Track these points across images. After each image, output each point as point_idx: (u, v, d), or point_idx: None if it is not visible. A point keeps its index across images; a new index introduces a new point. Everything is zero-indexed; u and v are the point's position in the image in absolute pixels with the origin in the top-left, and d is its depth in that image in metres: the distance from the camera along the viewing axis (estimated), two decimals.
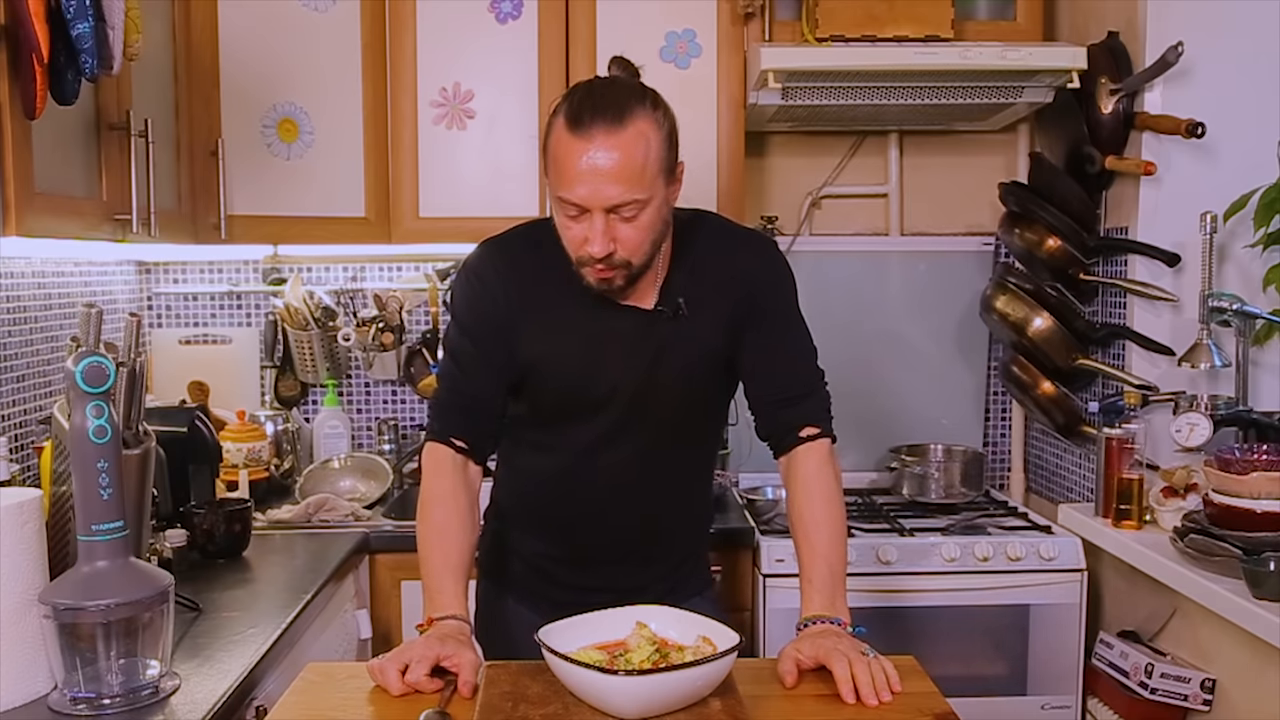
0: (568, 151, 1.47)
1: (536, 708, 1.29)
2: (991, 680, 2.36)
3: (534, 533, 1.75)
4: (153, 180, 1.94)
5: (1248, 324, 2.22)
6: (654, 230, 1.52)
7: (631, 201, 1.46)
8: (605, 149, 1.44)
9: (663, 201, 1.52)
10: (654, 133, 1.48)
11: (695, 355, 1.64)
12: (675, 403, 1.65)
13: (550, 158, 1.51)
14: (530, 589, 1.75)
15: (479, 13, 2.52)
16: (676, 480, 1.74)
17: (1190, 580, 1.90)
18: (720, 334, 1.64)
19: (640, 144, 1.46)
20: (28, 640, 1.38)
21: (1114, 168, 2.38)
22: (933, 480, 2.68)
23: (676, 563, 1.78)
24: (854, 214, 2.95)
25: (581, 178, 1.45)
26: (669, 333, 1.62)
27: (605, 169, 1.44)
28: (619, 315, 1.61)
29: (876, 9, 2.45)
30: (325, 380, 2.84)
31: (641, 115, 1.47)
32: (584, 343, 1.62)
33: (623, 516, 1.70)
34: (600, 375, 1.62)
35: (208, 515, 2.09)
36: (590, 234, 1.48)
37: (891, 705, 1.34)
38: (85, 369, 1.36)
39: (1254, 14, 2.28)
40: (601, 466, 1.67)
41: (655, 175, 1.48)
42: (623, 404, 1.63)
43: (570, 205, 1.48)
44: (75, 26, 1.53)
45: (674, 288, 1.62)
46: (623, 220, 1.48)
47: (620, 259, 1.50)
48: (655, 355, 1.62)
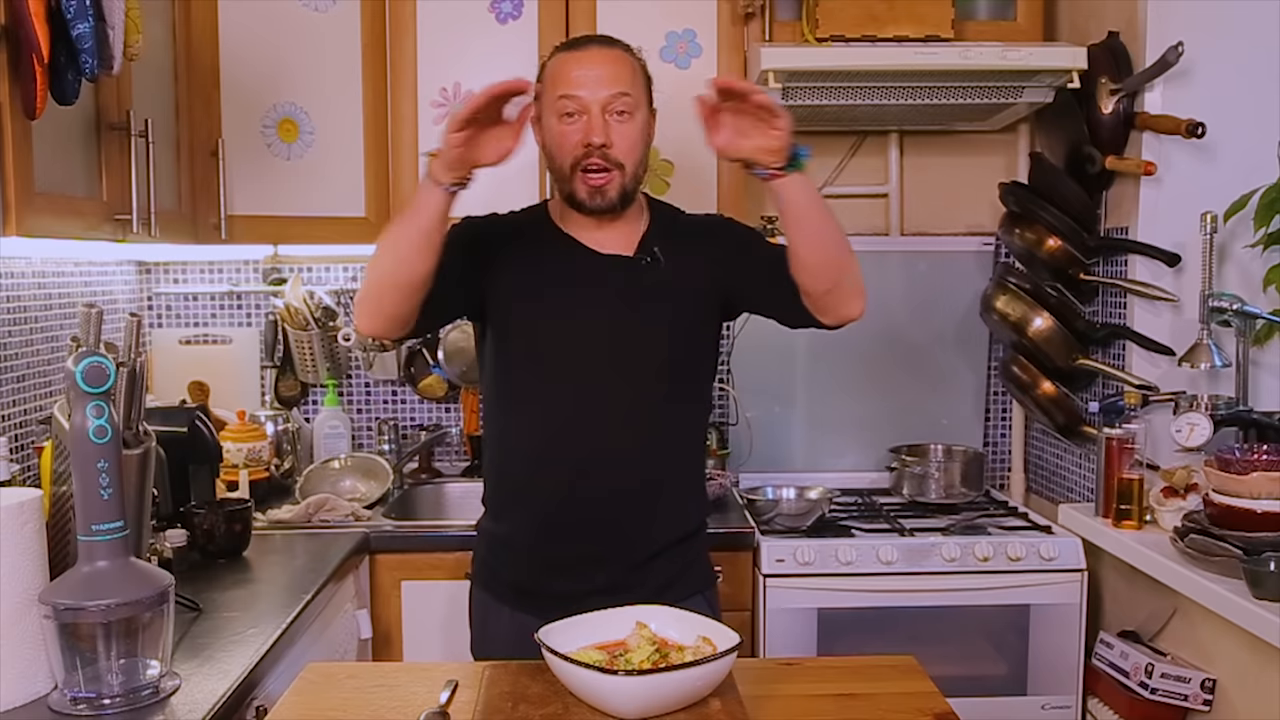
0: (565, 62, 1.65)
1: (536, 708, 1.29)
2: (991, 680, 2.36)
3: (522, 522, 1.73)
4: (153, 180, 1.95)
5: (1248, 324, 2.22)
6: (643, 138, 1.67)
7: (625, 95, 1.63)
8: (600, 58, 1.65)
9: (647, 119, 1.69)
10: (637, 63, 1.69)
11: (681, 295, 1.70)
12: (661, 350, 1.69)
13: (547, 80, 1.67)
14: (523, 592, 1.73)
15: (479, 13, 2.52)
16: (666, 443, 1.72)
17: (1190, 580, 1.90)
18: (703, 277, 1.72)
19: (628, 60, 1.68)
20: (28, 640, 1.38)
21: (1114, 168, 2.38)
22: (933, 480, 2.68)
23: (664, 553, 1.73)
24: (854, 214, 2.95)
25: (581, 77, 1.62)
26: (652, 278, 1.69)
27: (601, 66, 1.64)
28: (602, 261, 1.70)
29: (876, 9, 2.45)
30: (325, 380, 2.84)
31: (625, 49, 1.69)
32: (565, 286, 1.68)
33: (612, 481, 1.68)
34: (583, 317, 1.68)
35: (208, 515, 2.09)
36: (589, 127, 1.61)
37: (892, 705, 1.34)
38: (85, 369, 1.36)
39: (1254, 14, 2.28)
40: (585, 432, 1.67)
41: (642, 91, 1.68)
42: (603, 352, 1.67)
43: (568, 100, 1.62)
44: (75, 26, 1.54)
45: (652, 238, 1.74)
46: (616, 117, 1.62)
47: (615, 158, 1.63)
48: (640, 296, 1.69)
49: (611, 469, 1.68)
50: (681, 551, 1.77)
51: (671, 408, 1.72)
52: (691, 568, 1.79)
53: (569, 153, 1.63)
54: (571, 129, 1.62)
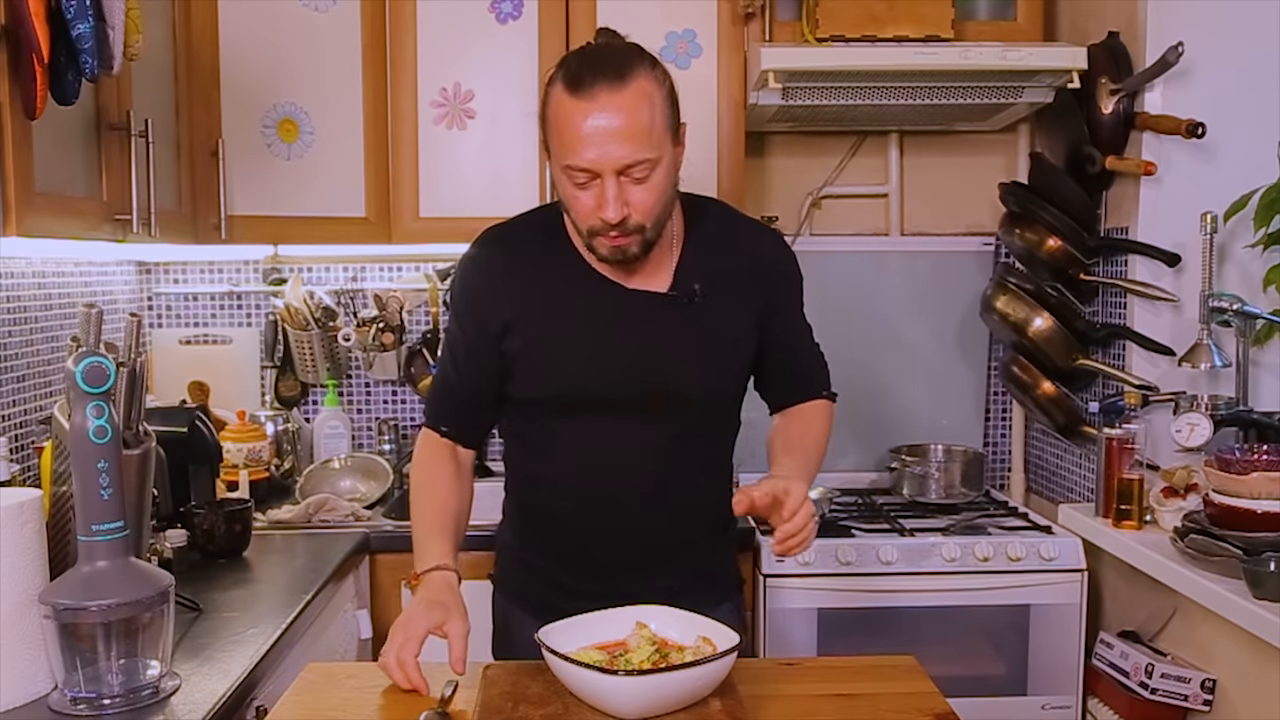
0: (570, 115, 1.41)
1: (536, 708, 1.29)
2: (991, 680, 2.36)
3: (546, 545, 1.68)
4: (153, 180, 1.94)
5: (1248, 324, 2.22)
6: (665, 192, 1.48)
7: (642, 161, 1.42)
8: (610, 109, 1.40)
9: (671, 162, 1.48)
10: (656, 90, 1.44)
11: (714, 342, 1.58)
12: (693, 393, 1.59)
13: (551, 126, 1.46)
14: (546, 603, 1.64)
15: (479, 13, 2.52)
16: (694, 479, 1.65)
17: (1190, 580, 1.90)
18: (743, 323, 1.61)
19: (645, 102, 1.42)
20: (28, 640, 1.38)
21: (1114, 168, 2.38)
22: (933, 480, 2.68)
23: (695, 569, 1.67)
24: (854, 214, 2.95)
25: (588, 140, 1.40)
26: (684, 318, 1.56)
27: (612, 129, 1.40)
28: (630, 299, 1.56)
29: (876, 9, 2.45)
30: (325, 380, 2.84)
31: (643, 73, 1.44)
32: (592, 328, 1.56)
33: (638, 521, 1.62)
34: (610, 363, 1.56)
35: (208, 515, 2.09)
36: (602, 199, 1.43)
37: (892, 705, 1.34)
38: (85, 369, 1.36)
39: (1254, 14, 2.28)
40: (613, 467, 1.60)
41: (662, 133, 1.45)
42: (635, 395, 1.56)
43: (578, 172, 1.43)
44: (75, 26, 1.53)
45: (688, 270, 1.58)
46: (634, 182, 1.43)
47: (635, 223, 1.46)
48: (670, 342, 1.56)
49: (641, 502, 1.61)
50: (711, 568, 1.72)
51: (701, 439, 1.64)
52: (718, 579, 1.73)
53: (584, 219, 1.48)
54: (585, 195, 1.45)
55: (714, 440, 1.69)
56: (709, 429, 1.66)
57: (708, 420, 1.65)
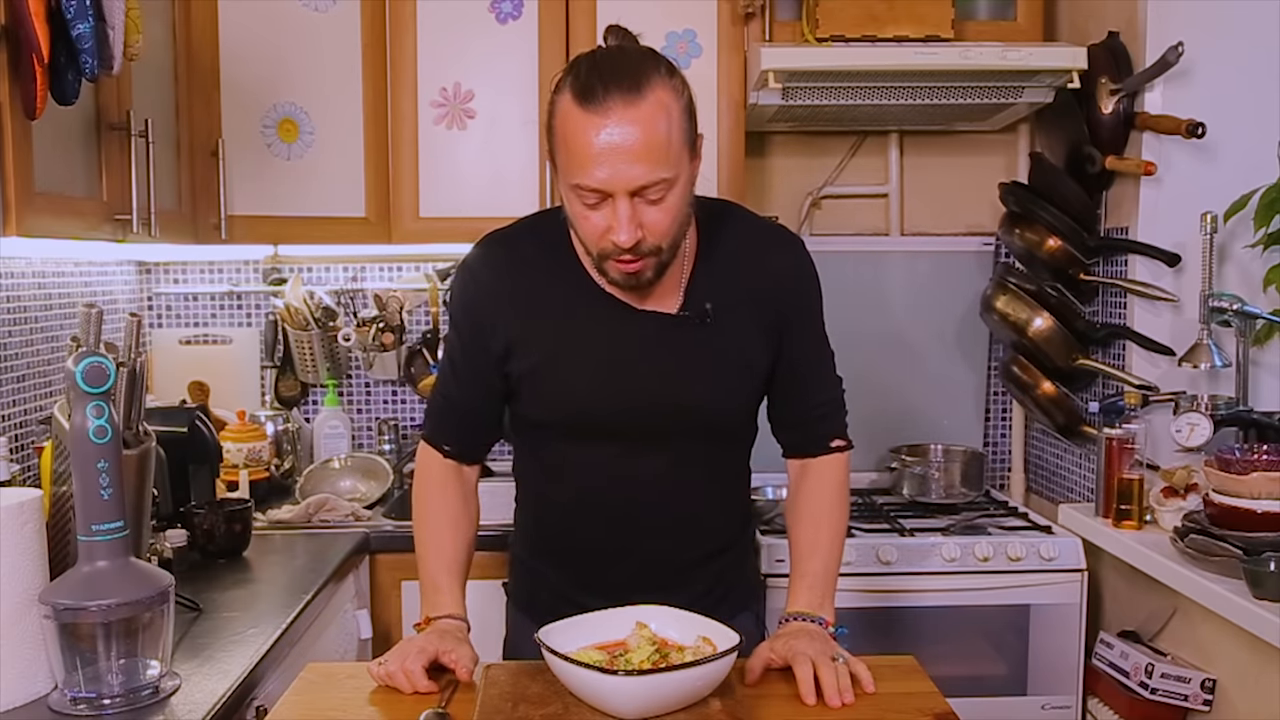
0: (581, 130, 1.30)
1: (536, 708, 1.29)
2: (991, 680, 2.36)
3: (558, 561, 1.64)
4: (153, 180, 1.94)
5: (1248, 324, 2.22)
6: (682, 212, 1.37)
7: (658, 181, 1.31)
8: (625, 124, 1.28)
9: (688, 179, 1.37)
10: (674, 102, 1.33)
11: (726, 364, 1.51)
12: (705, 416, 1.52)
13: (559, 140, 1.35)
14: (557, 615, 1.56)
15: (479, 13, 2.52)
16: (707, 499, 1.60)
17: (1190, 580, 1.90)
18: (754, 344, 1.52)
19: (662, 115, 1.30)
20: (28, 640, 1.38)
21: (1114, 168, 2.38)
22: (933, 480, 2.68)
23: (710, 585, 1.62)
24: (854, 214, 2.95)
25: (601, 159, 1.29)
26: (695, 339, 1.48)
27: (627, 146, 1.28)
28: (638, 320, 1.48)
29: (876, 9, 2.45)
30: (325, 380, 2.84)
31: (659, 83, 1.32)
32: (598, 352, 1.49)
33: (650, 541, 1.57)
34: (617, 388, 1.49)
35: (208, 515, 2.09)
36: (615, 221, 1.33)
37: (892, 705, 1.34)
38: (85, 369, 1.36)
39: (1254, 14, 2.28)
40: (624, 489, 1.55)
41: (680, 150, 1.33)
42: (645, 419, 1.50)
43: (589, 192, 1.33)
44: (75, 26, 1.53)
45: (699, 289, 1.49)
46: (649, 203, 1.33)
47: (649, 246, 1.35)
48: (681, 364, 1.49)
49: (653, 523, 1.57)
50: (727, 583, 1.66)
51: (714, 459, 1.59)
52: (733, 593, 1.67)
53: (593, 242, 1.38)
54: (595, 215, 1.35)
55: (727, 460, 1.62)
56: (722, 449, 1.60)
57: (720, 440, 1.59)
